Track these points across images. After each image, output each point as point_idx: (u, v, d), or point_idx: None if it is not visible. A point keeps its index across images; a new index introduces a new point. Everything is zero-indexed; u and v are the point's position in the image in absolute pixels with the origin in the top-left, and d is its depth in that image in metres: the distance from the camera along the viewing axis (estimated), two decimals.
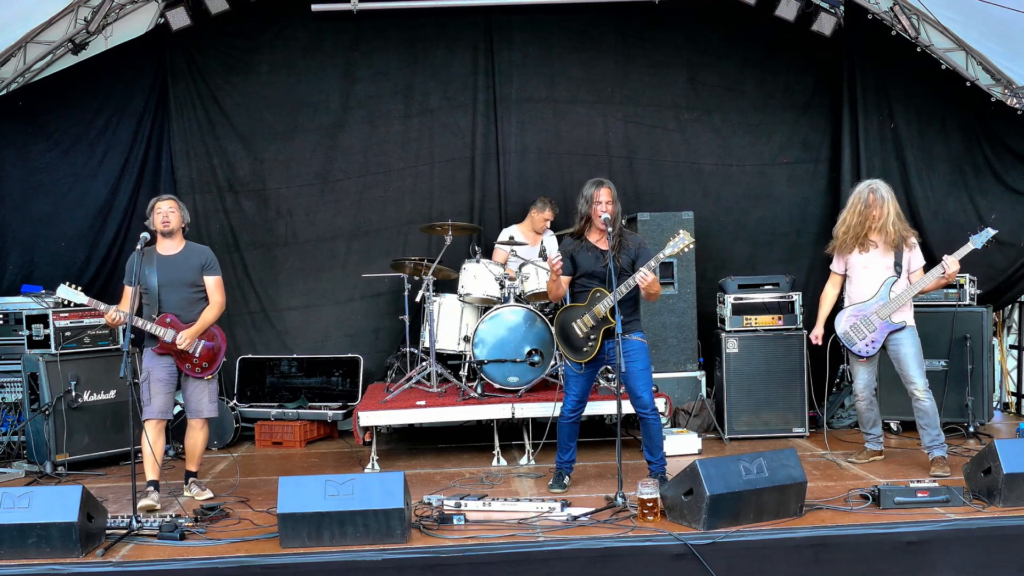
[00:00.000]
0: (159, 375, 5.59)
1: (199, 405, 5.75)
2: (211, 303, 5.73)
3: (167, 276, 5.61)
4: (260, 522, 5.09)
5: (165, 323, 5.56)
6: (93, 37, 7.72)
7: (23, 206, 7.80)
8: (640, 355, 5.45)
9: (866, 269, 5.86)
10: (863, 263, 5.86)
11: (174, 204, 5.69)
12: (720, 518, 4.67)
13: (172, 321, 5.58)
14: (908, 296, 5.75)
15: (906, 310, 5.81)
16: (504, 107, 8.16)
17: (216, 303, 5.75)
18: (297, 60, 8.11)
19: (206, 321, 5.68)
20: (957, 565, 4.59)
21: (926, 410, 5.75)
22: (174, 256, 5.68)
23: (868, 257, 5.84)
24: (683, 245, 5.40)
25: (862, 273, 5.87)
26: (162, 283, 5.59)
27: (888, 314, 5.76)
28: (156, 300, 5.59)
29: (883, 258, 5.82)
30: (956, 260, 5.63)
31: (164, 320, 5.57)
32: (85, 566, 4.48)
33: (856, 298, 5.91)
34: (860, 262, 5.87)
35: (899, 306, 5.75)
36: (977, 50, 7.64)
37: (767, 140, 8.19)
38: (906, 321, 5.79)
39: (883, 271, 5.82)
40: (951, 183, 7.77)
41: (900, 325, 5.77)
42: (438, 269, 7.09)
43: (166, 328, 5.54)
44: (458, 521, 4.93)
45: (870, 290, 5.83)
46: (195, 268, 5.69)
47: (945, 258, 5.65)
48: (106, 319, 5.54)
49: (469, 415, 6.63)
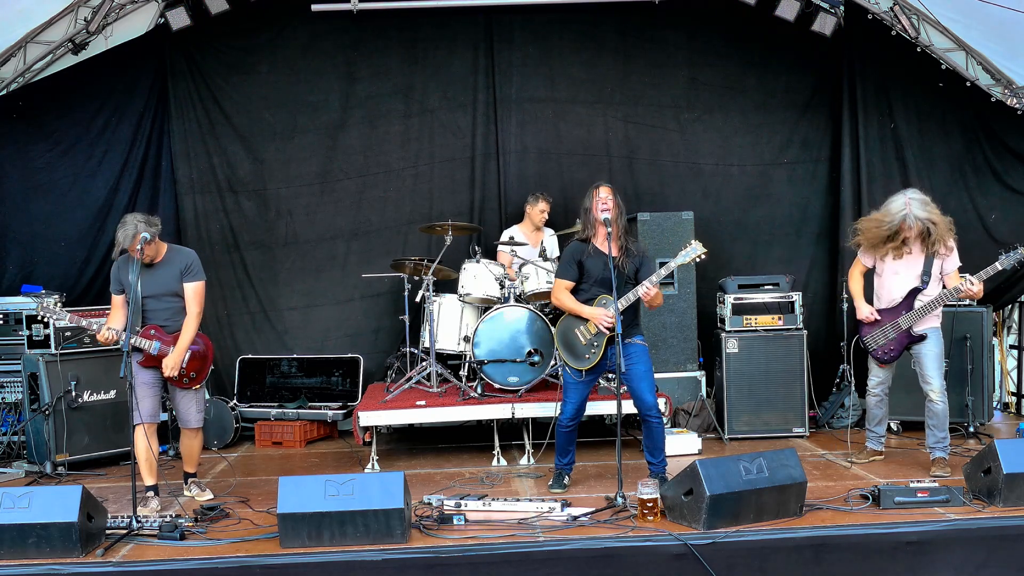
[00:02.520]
0: (144, 379, 5.48)
1: (187, 415, 5.68)
2: (188, 315, 5.51)
3: (151, 287, 5.46)
4: (260, 522, 5.10)
5: (149, 335, 5.44)
6: (93, 37, 7.72)
7: (23, 206, 7.80)
8: (642, 356, 5.46)
9: (896, 275, 5.83)
10: (894, 269, 5.83)
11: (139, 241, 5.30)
12: (720, 518, 4.67)
13: (156, 333, 5.46)
14: (933, 308, 5.73)
15: (932, 317, 5.80)
16: (504, 107, 8.16)
17: (193, 314, 5.51)
18: (297, 60, 8.10)
19: (186, 339, 5.49)
20: (957, 565, 4.59)
21: (937, 412, 5.75)
22: (157, 266, 5.51)
23: (901, 263, 5.81)
24: (695, 255, 5.38)
25: (892, 279, 5.85)
26: (146, 294, 5.46)
27: (910, 324, 5.76)
28: (140, 311, 5.45)
29: (914, 266, 5.78)
30: (980, 282, 5.62)
31: (148, 332, 5.44)
32: (85, 566, 4.48)
33: (882, 302, 5.90)
34: (891, 267, 5.84)
35: (923, 317, 5.74)
36: (977, 50, 7.64)
37: (767, 140, 8.19)
38: (929, 330, 5.78)
39: (912, 280, 5.79)
40: (951, 183, 7.77)
41: (922, 334, 5.76)
42: (438, 269, 7.08)
43: (150, 340, 5.42)
44: (458, 521, 4.93)
45: (897, 296, 5.82)
46: (176, 276, 5.52)
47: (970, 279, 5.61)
48: (99, 338, 5.39)
49: (469, 415, 6.63)
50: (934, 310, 5.75)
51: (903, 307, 5.78)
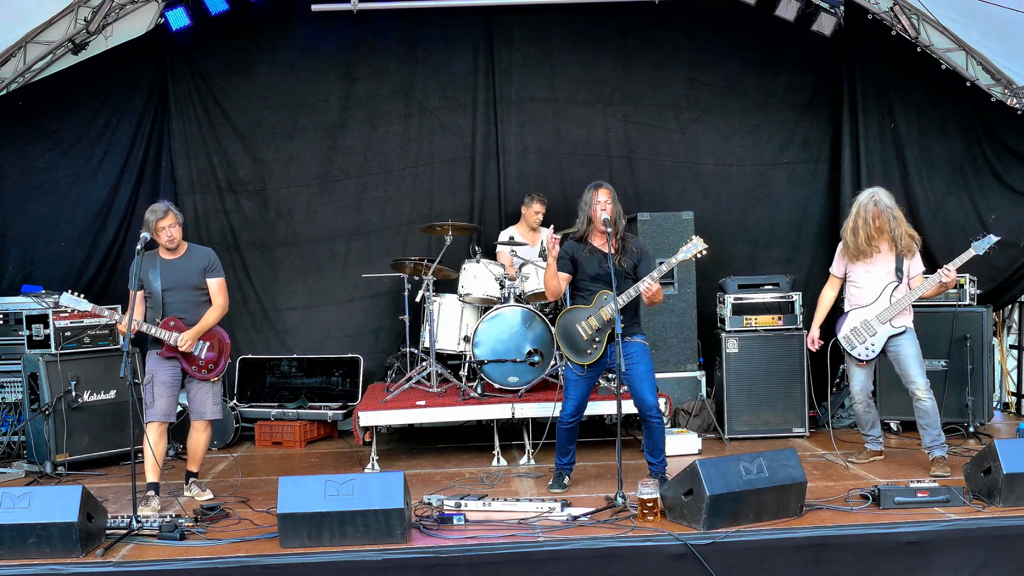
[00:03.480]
0: (162, 378, 5.58)
1: (203, 407, 5.74)
2: (214, 305, 5.73)
3: (171, 280, 5.61)
4: (260, 522, 5.09)
5: (169, 327, 5.56)
6: (93, 37, 7.72)
7: (23, 206, 7.81)
8: (643, 357, 5.46)
9: (868, 274, 5.86)
10: (865, 268, 5.87)
11: (173, 219, 5.59)
12: (720, 518, 4.67)
13: (176, 325, 5.58)
14: (908, 301, 5.76)
15: (906, 314, 5.82)
16: (504, 107, 8.16)
17: (219, 305, 5.74)
18: (297, 60, 8.11)
19: (207, 322, 5.67)
20: (957, 565, 4.59)
21: (927, 410, 5.76)
22: (177, 260, 5.68)
23: (871, 262, 5.84)
24: (696, 251, 5.38)
25: (864, 277, 5.88)
26: (166, 287, 5.59)
27: (888, 319, 5.77)
28: (160, 304, 5.59)
29: (885, 263, 5.82)
30: (954, 269, 5.67)
31: (168, 324, 5.57)
32: (85, 566, 4.47)
33: (857, 302, 5.91)
34: (863, 267, 5.87)
35: (899, 311, 5.77)
36: (977, 50, 7.64)
37: (767, 140, 8.20)
38: (906, 325, 5.81)
39: (884, 276, 5.83)
40: (951, 183, 7.77)
41: (900, 330, 5.78)
42: (438, 269, 7.09)
43: (171, 332, 5.54)
44: (458, 521, 4.92)
45: (871, 295, 5.84)
46: (198, 271, 5.69)
47: (944, 267, 5.67)
48: (119, 328, 5.53)
49: (469, 415, 6.63)
50: (907, 303, 5.76)
51: (879, 304, 5.80)
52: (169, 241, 5.59)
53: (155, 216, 5.56)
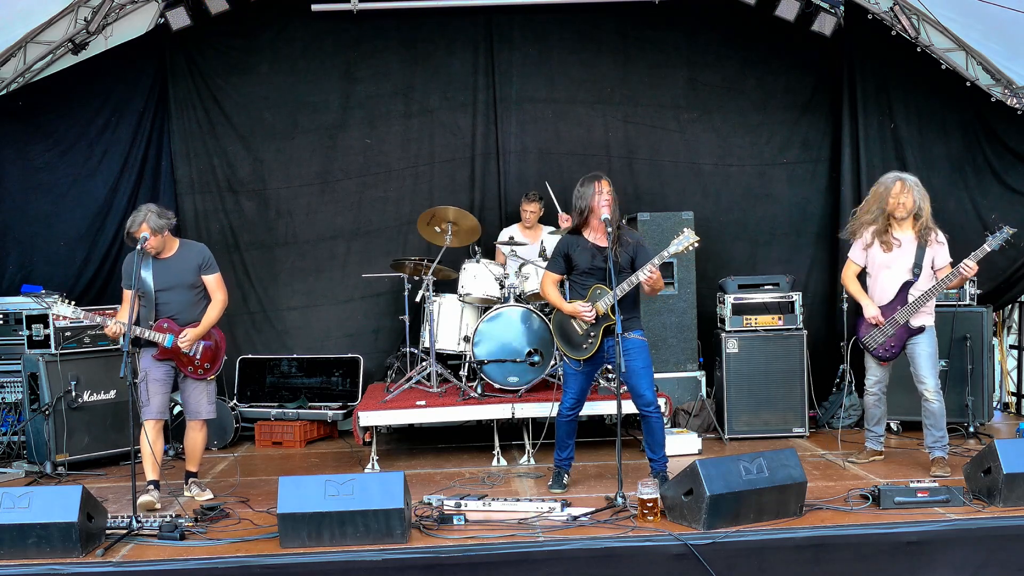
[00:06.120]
0: (156, 375, 5.55)
1: (198, 407, 5.73)
2: (213, 301, 5.68)
3: (165, 280, 5.54)
4: (260, 522, 5.09)
5: (162, 329, 5.51)
6: (93, 37, 7.72)
7: (23, 206, 7.80)
8: (641, 353, 5.45)
9: (887, 269, 5.83)
10: (885, 263, 5.83)
11: (147, 228, 5.39)
12: (720, 518, 4.67)
13: (169, 326, 5.53)
14: (928, 299, 5.72)
15: (927, 313, 5.79)
16: (504, 107, 8.16)
17: (219, 300, 5.69)
18: (297, 60, 8.10)
19: (210, 321, 5.63)
20: (957, 565, 4.59)
21: (934, 411, 5.75)
22: (170, 259, 5.60)
23: (890, 257, 5.80)
24: (688, 243, 5.38)
25: (883, 273, 5.85)
26: (159, 287, 5.52)
27: (907, 318, 5.75)
28: (153, 304, 5.52)
29: (905, 259, 5.78)
30: (975, 262, 5.61)
31: (161, 326, 5.51)
32: (85, 566, 4.47)
33: (876, 299, 5.89)
34: (883, 261, 5.83)
35: (918, 309, 5.73)
36: (977, 50, 7.64)
37: (767, 140, 8.19)
38: (926, 324, 5.79)
39: (904, 273, 5.78)
40: (951, 183, 7.77)
41: (920, 326, 5.76)
42: (438, 269, 7.09)
43: (164, 334, 5.49)
44: (458, 521, 4.92)
45: (890, 292, 5.81)
46: (192, 269, 5.62)
47: (964, 261, 5.61)
48: (107, 332, 5.45)
49: (469, 415, 6.63)
50: (928, 302, 5.74)
51: (897, 302, 5.78)
52: (150, 250, 5.47)
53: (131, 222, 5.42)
